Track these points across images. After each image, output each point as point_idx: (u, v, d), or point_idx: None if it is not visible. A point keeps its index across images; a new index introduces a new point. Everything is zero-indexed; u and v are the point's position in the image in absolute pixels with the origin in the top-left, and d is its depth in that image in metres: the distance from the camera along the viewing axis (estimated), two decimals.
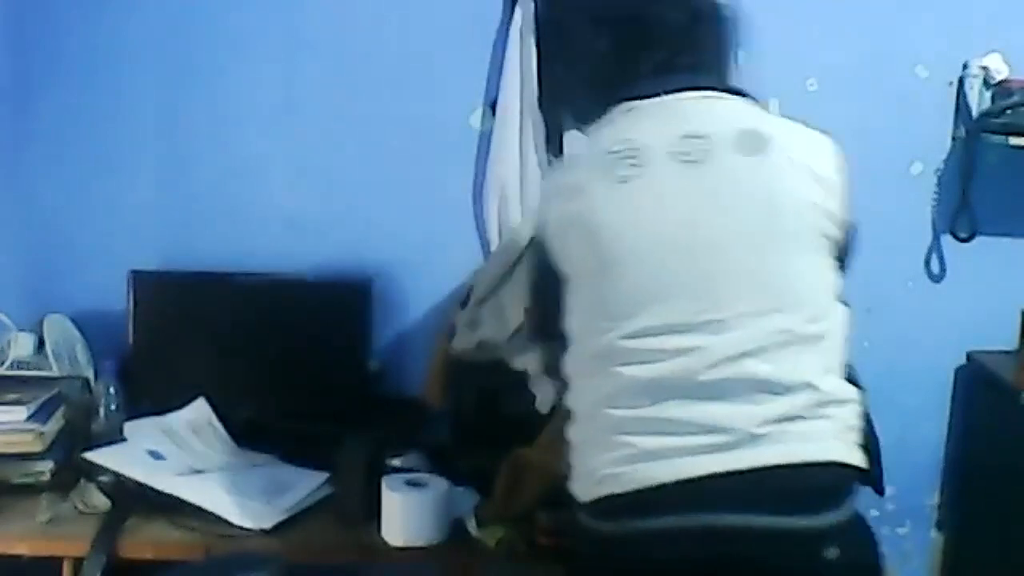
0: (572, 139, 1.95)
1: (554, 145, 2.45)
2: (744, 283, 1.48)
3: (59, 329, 2.37)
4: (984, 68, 2.42)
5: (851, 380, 1.54)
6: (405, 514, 1.91)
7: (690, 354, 1.45)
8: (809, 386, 1.46)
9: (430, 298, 2.51)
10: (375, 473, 1.96)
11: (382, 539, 1.91)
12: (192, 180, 2.48)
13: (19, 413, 2.03)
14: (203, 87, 2.45)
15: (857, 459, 1.49)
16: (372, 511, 1.92)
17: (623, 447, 1.46)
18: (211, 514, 1.91)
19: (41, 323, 2.35)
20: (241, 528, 1.90)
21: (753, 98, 1.60)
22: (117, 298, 2.32)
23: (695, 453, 1.43)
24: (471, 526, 1.94)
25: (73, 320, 2.41)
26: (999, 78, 2.41)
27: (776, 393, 1.45)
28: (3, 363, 2.28)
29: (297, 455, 2.15)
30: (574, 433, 1.56)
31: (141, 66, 2.43)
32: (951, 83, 2.47)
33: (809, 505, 1.43)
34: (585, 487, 1.52)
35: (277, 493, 2.01)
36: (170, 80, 2.45)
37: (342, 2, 2.44)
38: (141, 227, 2.48)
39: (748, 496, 1.42)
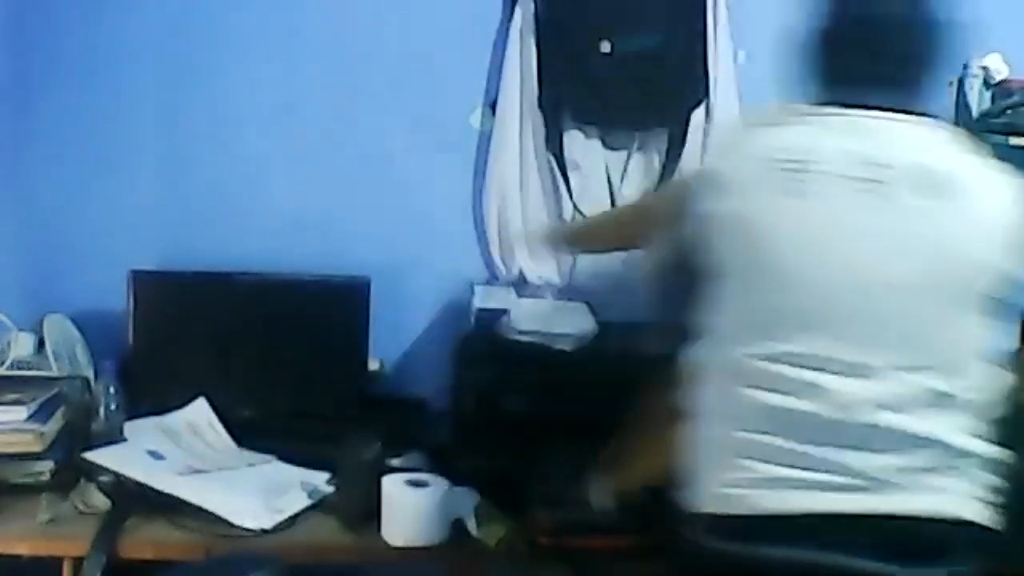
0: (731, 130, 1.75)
1: (554, 144, 2.46)
2: (896, 334, 1.44)
3: (59, 329, 2.37)
4: (984, 68, 2.42)
5: (1000, 442, 1.49)
6: (405, 514, 1.91)
7: (828, 393, 1.42)
8: (942, 443, 1.44)
9: (430, 298, 2.52)
10: (375, 473, 1.96)
11: (382, 539, 1.91)
12: (192, 180, 2.49)
13: (19, 413, 2.02)
14: (203, 87, 2.45)
15: (983, 517, 1.46)
16: (372, 511, 1.92)
17: (745, 470, 1.44)
18: (211, 514, 1.91)
19: (41, 323, 2.35)
20: (241, 528, 1.90)
21: (944, 126, 1.53)
22: (117, 298, 2.32)
23: (818, 489, 1.42)
24: (471, 526, 1.94)
25: (73, 320, 2.41)
26: (999, 78, 2.41)
27: (909, 446, 1.43)
28: (3, 363, 2.28)
29: (297, 455, 2.15)
30: (695, 438, 1.53)
31: (141, 66, 2.43)
32: (951, 83, 2.46)
33: (926, 557, 1.42)
34: (700, 500, 1.50)
35: (277, 493, 2.01)
36: (170, 80, 2.45)
37: (342, 2, 2.44)
38: (141, 227, 2.48)
39: (864, 541, 1.41)
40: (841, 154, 1.47)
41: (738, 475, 1.45)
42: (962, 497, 1.45)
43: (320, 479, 2.06)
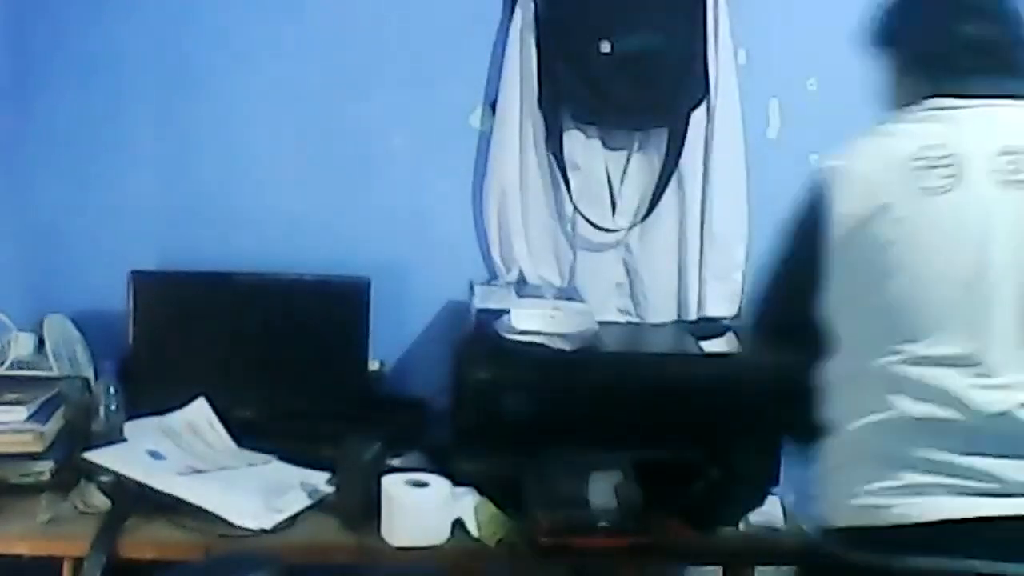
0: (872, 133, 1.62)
1: (554, 144, 2.46)
2: None
3: (59, 329, 2.37)
4: None
5: None
6: (405, 514, 1.91)
7: (970, 396, 1.41)
8: None
9: (430, 298, 2.52)
10: (375, 473, 1.96)
11: (382, 539, 1.91)
12: (192, 180, 2.49)
13: (19, 413, 2.02)
14: (203, 87, 2.45)
15: None
16: (372, 511, 1.92)
17: (892, 480, 1.43)
18: (211, 514, 1.91)
19: (41, 323, 2.35)
20: (241, 528, 1.89)
21: None
22: (117, 298, 2.32)
23: (963, 495, 1.41)
24: (471, 526, 1.94)
25: (73, 320, 2.41)
26: None
27: None
28: (3, 363, 2.28)
29: (297, 455, 2.15)
30: (834, 449, 1.52)
31: (141, 66, 2.44)
32: None
33: None
34: (840, 512, 1.48)
35: (277, 493, 2.01)
36: (170, 80, 2.45)
37: (342, 2, 2.45)
38: (141, 227, 2.48)
39: (1010, 544, 1.39)
40: (983, 147, 1.45)
41: (884, 484, 1.44)
42: None
43: (320, 479, 2.06)
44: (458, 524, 1.94)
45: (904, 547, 1.41)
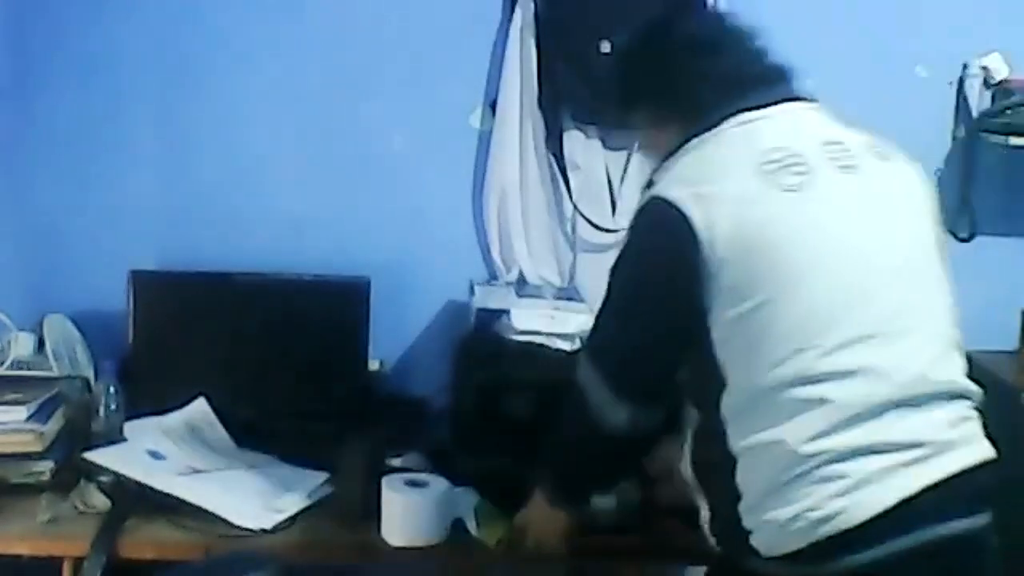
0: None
1: (554, 144, 2.46)
2: (911, 289, 1.50)
3: (59, 329, 2.37)
4: (984, 68, 2.42)
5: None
6: (405, 514, 1.91)
7: (880, 369, 1.44)
8: (966, 388, 1.51)
9: (430, 298, 2.52)
10: (375, 473, 1.96)
11: (382, 539, 1.91)
12: (192, 180, 2.49)
13: (19, 413, 2.02)
14: (203, 87, 2.45)
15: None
16: (372, 511, 1.92)
17: (842, 478, 1.41)
18: (211, 514, 1.91)
19: (41, 323, 2.35)
20: (241, 528, 1.89)
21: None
22: (117, 298, 2.32)
23: (905, 466, 1.42)
24: (471, 526, 1.94)
25: (73, 320, 2.41)
26: (999, 78, 2.41)
27: (951, 397, 1.48)
28: (3, 363, 2.28)
29: (297, 455, 2.15)
30: (756, 479, 1.47)
31: (141, 66, 2.44)
32: (951, 83, 2.47)
33: (988, 503, 1.48)
34: (788, 534, 1.43)
35: (277, 493, 2.01)
36: (170, 80, 2.45)
37: (342, 2, 2.45)
38: (141, 227, 2.48)
39: (955, 502, 1.44)
40: (811, 141, 1.52)
41: (832, 487, 1.42)
42: (985, 439, 1.52)
43: (320, 479, 2.06)
44: (458, 524, 1.94)
45: (867, 543, 1.41)
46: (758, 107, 1.56)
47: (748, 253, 1.45)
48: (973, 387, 1.53)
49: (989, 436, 1.54)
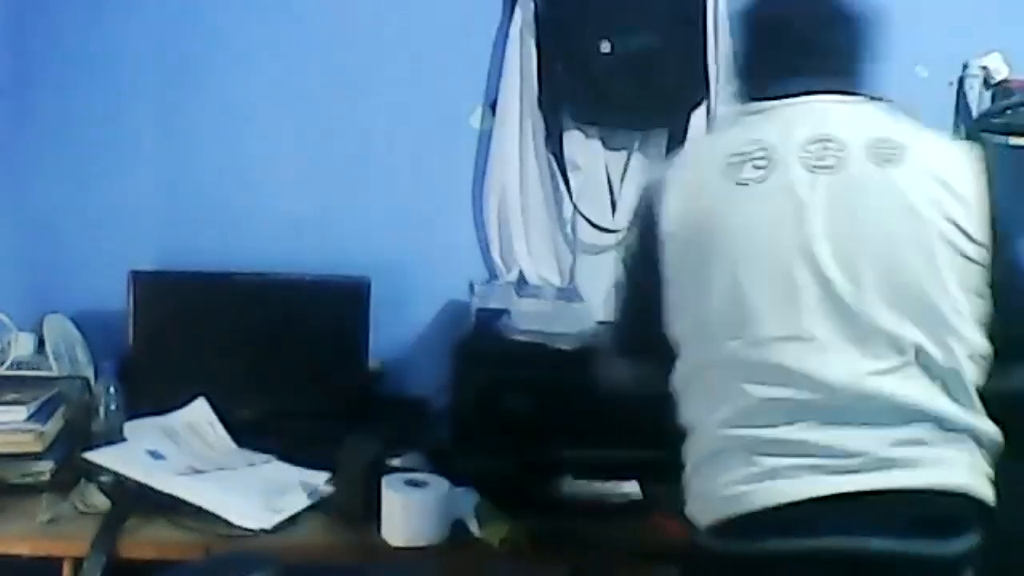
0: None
1: (554, 144, 2.46)
2: (877, 299, 1.44)
3: (59, 329, 2.37)
4: (984, 68, 2.42)
5: (990, 415, 1.49)
6: (405, 514, 1.91)
7: (813, 372, 1.43)
8: (937, 411, 1.44)
9: (429, 298, 2.52)
10: (375, 473, 1.96)
11: (382, 539, 1.91)
12: (192, 180, 2.49)
13: (19, 413, 2.02)
14: (203, 87, 2.45)
15: (983, 491, 1.47)
16: (372, 511, 1.92)
17: (750, 466, 1.44)
18: (211, 514, 1.91)
19: (41, 323, 2.35)
20: (241, 528, 1.89)
21: (885, 102, 1.59)
22: (117, 298, 2.32)
23: (824, 473, 1.42)
24: (471, 526, 1.94)
25: (73, 320, 2.41)
26: (999, 78, 2.41)
27: (905, 416, 1.43)
28: (3, 363, 2.28)
29: (297, 455, 2.15)
30: (693, 450, 1.54)
31: (141, 66, 2.44)
32: (951, 83, 2.47)
33: (937, 532, 1.42)
34: (706, 508, 1.50)
35: (277, 493, 2.01)
36: (170, 80, 2.45)
37: (342, 2, 2.45)
38: (141, 227, 2.48)
39: (877, 519, 1.41)
40: (793, 138, 1.51)
41: (745, 471, 1.45)
42: (965, 469, 1.45)
43: (320, 479, 2.06)
44: (458, 524, 1.94)
45: (766, 532, 1.43)
46: (775, 98, 1.57)
47: (688, 238, 1.53)
48: (953, 414, 1.45)
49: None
